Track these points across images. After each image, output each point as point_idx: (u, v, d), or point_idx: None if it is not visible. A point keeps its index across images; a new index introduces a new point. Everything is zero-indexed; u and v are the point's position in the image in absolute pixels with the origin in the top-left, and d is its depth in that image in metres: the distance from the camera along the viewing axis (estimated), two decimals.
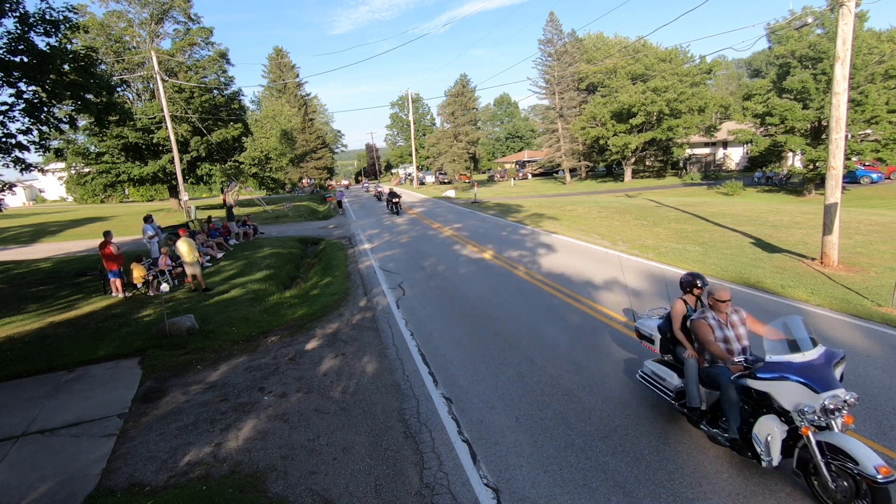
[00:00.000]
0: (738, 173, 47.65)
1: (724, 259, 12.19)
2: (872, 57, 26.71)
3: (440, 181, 65.10)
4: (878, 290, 9.16)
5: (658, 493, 4.27)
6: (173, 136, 26.90)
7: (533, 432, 5.31)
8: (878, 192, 28.78)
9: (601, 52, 49.74)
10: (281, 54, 69.97)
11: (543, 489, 4.43)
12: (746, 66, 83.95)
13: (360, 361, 7.50)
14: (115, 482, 4.87)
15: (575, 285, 10.75)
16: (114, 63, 30.19)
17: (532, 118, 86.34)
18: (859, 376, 5.96)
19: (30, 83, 11.78)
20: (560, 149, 51.71)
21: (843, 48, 10.33)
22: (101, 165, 31.11)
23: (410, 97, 66.50)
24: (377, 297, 11.00)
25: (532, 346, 7.58)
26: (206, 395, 6.63)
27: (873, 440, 4.74)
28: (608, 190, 42.44)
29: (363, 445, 5.29)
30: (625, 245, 14.83)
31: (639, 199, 29.40)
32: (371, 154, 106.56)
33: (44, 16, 11.39)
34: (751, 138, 31.70)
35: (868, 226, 15.47)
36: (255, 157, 41.64)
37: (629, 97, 41.88)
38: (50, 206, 55.41)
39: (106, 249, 11.44)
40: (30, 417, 6.22)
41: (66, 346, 8.51)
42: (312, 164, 73.81)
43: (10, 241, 24.25)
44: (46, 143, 13.59)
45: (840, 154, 10.87)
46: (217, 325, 9.26)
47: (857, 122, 26.46)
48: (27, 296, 12.27)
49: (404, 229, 21.93)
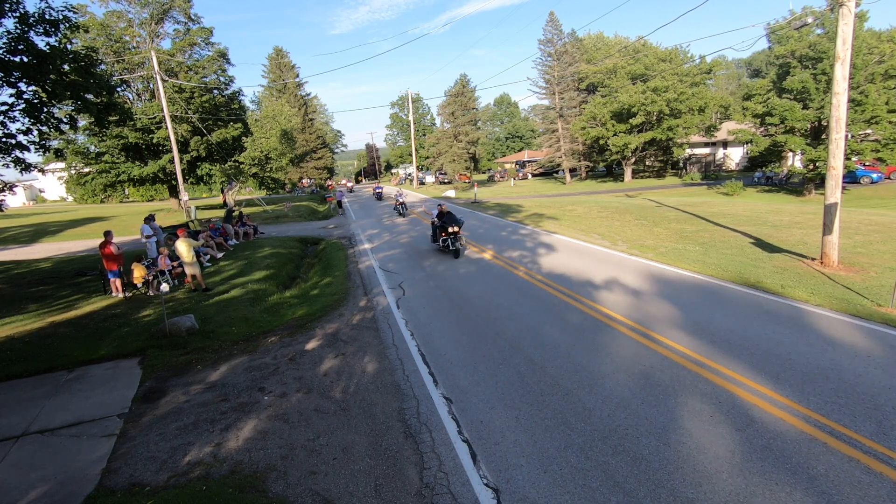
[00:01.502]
0: (738, 173, 47.66)
1: (724, 259, 12.19)
2: (872, 57, 26.70)
3: (440, 181, 65.04)
4: (878, 290, 9.17)
5: (658, 493, 4.27)
6: (173, 136, 26.89)
7: (533, 432, 5.31)
8: (878, 192, 28.78)
9: (601, 52, 49.76)
10: (281, 54, 69.96)
11: (543, 489, 4.43)
12: (746, 66, 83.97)
13: (360, 361, 7.50)
14: (115, 482, 4.87)
15: (575, 285, 10.75)
16: (114, 63, 30.17)
17: (532, 118, 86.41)
18: (859, 376, 5.96)
19: (30, 83, 11.76)
20: (560, 149, 51.71)
21: (843, 48, 10.33)
22: (101, 165, 31.10)
23: (410, 97, 66.44)
24: (377, 297, 11.00)
25: (532, 346, 7.58)
26: (206, 395, 6.63)
27: (873, 440, 4.75)
28: (608, 190, 42.43)
29: (363, 445, 5.29)
30: (625, 245, 14.83)
31: (639, 199, 29.40)
32: (371, 154, 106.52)
33: (44, 16, 11.38)
34: (751, 138, 31.70)
35: (868, 226, 15.47)
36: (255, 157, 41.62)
37: (629, 97, 41.88)
38: (50, 206, 55.41)
39: (106, 249, 11.44)
40: (30, 417, 6.22)
41: (66, 346, 8.51)
42: (312, 164, 73.80)
43: (10, 241, 24.24)
44: (46, 144, 13.55)
45: (840, 154, 10.87)
46: (217, 325, 9.25)
47: (857, 122, 26.45)
48: (27, 296, 12.26)
49: (404, 229, 21.92)
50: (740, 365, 6.48)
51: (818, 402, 5.49)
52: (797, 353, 6.72)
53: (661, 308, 8.93)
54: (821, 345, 6.93)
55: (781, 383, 5.94)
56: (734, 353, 6.85)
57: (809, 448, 4.72)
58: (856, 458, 4.52)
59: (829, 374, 6.08)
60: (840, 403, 5.42)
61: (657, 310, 8.87)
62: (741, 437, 4.96)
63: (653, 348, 7.20)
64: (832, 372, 6.12)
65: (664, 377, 6.30)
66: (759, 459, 4.61)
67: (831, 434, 4.90)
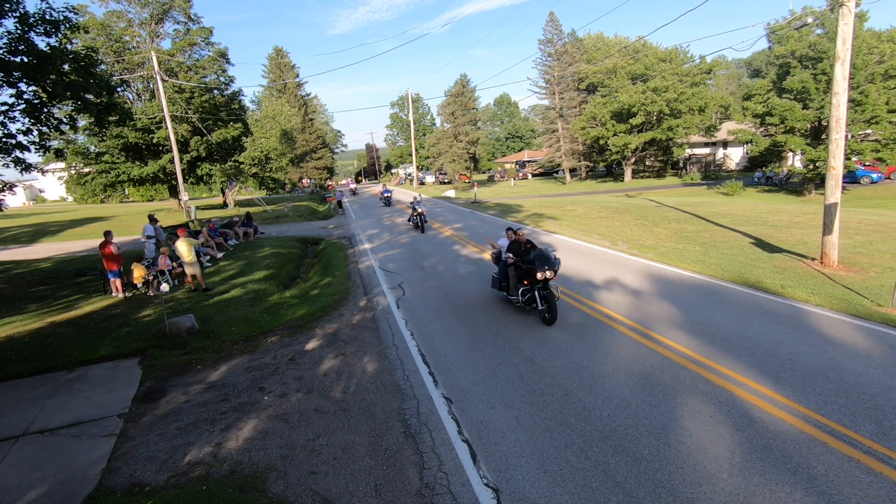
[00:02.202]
0: (738, 173, 47.66)
1: (724, 259, 12.19)
2: (872, 57, 26.70)
3: (440, 181, 65.03)
4: (878, 290, 9.17)
5: (658, 493, 4.27)
6: (173, 136, 26.89)
7: (533, 432, 5.31)
8: (878, 192, 28.78)
9: (601, 52, 49.75)
10: (281, 54, 69.93)
11: (543, 489, 4.43)
12: (746, 66, 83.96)
13: (360, 361, 7.50)
14: (115, 482, 4.87)
15: (575, 285, 10.75)
16: (114, 63, 30.17)
17: (532, 118, 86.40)
18: (859, 376, 5.96)
19: (30, 83, 11.77)
20: (560, 149, 51.72)
21: (843, 48, 10.33)
22: (101, 165, 31.10)
23: (410, 97, 66.46)
24: (377, 297, 11.00)
25: (532, 346, 7.58)
26: (206, 395, 6.63)
27: (873, 440, 4.74)
28: (608, 190, 42.43)
29: (363, 445, 5.29)
30: (625, 245, 14.83)
31: (639, 199, 29.40)
32: (371, 154, 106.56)
33: (44, 16, 11.39)
34: (751, 138, 31.70)
35: (868, 226, 15.47)
36: (255, 157, 41.59)
37: (629, 97, 41.88)
38: (50, 206, 55.41)
39: (106, 249, 11.43)
40: (30, 417, 6.22)
41: (66, 346, 8.50)
42: (312, 164, 73.77)
43: (10, 241, 24.24)
44: (46, 144, 13.57)
45: (840, 154, 10.87)
46: (217, 325, 9.25)
47: (857, 122, 26.45)
48: (27, 296, 12.26)
49: (404, 229, 21.92)
50: (740, 365, 6.48)
51: (818, 402, 5.49)
52: (797, 352, 6.72)
53: (661, 308, 8.93)
54: (821, 345, 6.93)
55: (781, 383, 5.94)
56: (734, 352, 6.85)
57: (809, 448, 4.72)
58: (856, 458, 4.52)
59: (829, 374, 6.08)
60: (840, 403, 5.42)
61: (657, 310, 8.87)
62: (741, 437, 4.96)
63: (653, 348, 7.20)
64: (832, 372, 6.12)
65: (664, 377, 6.30)
66: (759, 459, 4.61)
67: (831, 434, 4.90)
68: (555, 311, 8.38)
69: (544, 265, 8.42)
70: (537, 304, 8.59)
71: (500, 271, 9.68)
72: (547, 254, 8.78)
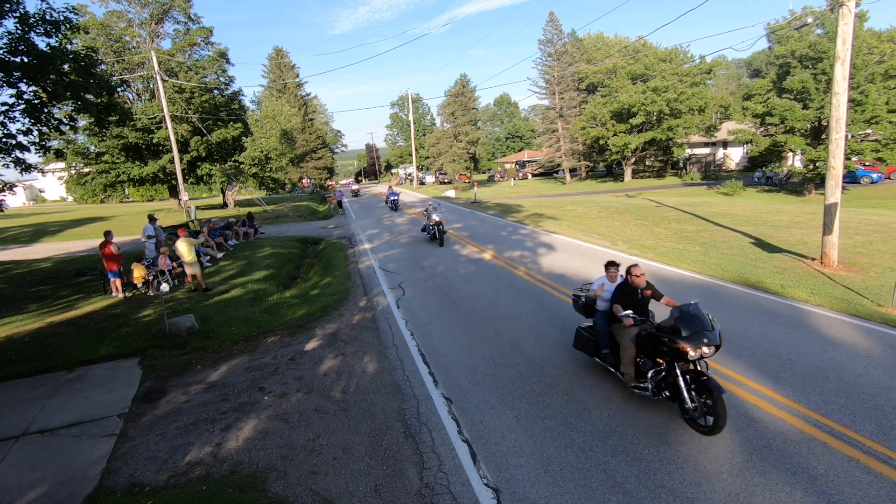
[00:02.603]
0: (738, 173, 47.64)
1: (724, 259, 12.19)
2: (872, 57, 26.70)
3: (440, 181, 64.97)
4: (878, 290, 9.17)
5: (658, 493, 4.27)
6: (173, 136, 26.88)
7: (533, 432, 5.31)
8: (878, 192, 28.77)
9: (601, 52, 49.73)
10: (281, 54, 69.92)
11: (543, 489, 4.43)
12: (746, 66, 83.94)
13: (360, 361, 7.50)
14: (115, 482, 4.87)
15: (575, 285, 10.71)
16: (114, 63, 30.16)
17: (532, 118, 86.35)
18: (859, 376, 5.96)
19: (30, 83, 11.77)
20: (560, 149, 51.69)
21: (843, 48, 10.33)
22: (101, 165, 31.09)
23: (410, 97, 66.42)
24: (377, 297, 11.00)
25: (532, 346, 7.58)
26: (206, 395, 6.63)
27: (873, 440, 4.74)
28: (608, 190, 42.42)
29: (363, 445, 5.29)
30: (625, 245, 14.83)
31: (639, 199, 29.39)
32: (371, 154, 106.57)
33: (44, 16, 11.38)
34: (751, 138, 31.69)
35: (868, 226, 15.47)
36: (255, 157, 41.58)
37: (629, 97, 41.87)
38: (50, 206, 55.40)
39: (106, 249, 11.43)
40: (30, 417, 6.22)
41: (66, 346, 8.50)
42: (312, 164, 73.74)
43: (10, 241, 24.23)
44: (46, 144, 13.56)
45: (840, 154, 10.87)
46: (217, 325, 9.25)
47: (857, 122, 26.44)
48: (27, 296, 12.26)
49: (404, 229, 21.91)
50: (740, 365, 6.48)
51: (818, 402, 5.49)
52: (797, 352, 6.72)
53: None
54: (821, 345, 6.93)
55: (781, 383, 5.94)
56: (734, 352, 6.85)
57: (809, 448, 4.72)
58: (856, 458, 4.52)
59: (829, 374, 6.08)
60: (840, 403, 5.42)
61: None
62: (741, 437, 4.97)
63: None
64: (832, 372, 6.12)
65: None
66: (759, 459, 4.61)
67: (831, 434, 4.90)
68: (722, 415, 4.85)
69: (701, 337, 5.03)
70: (684, 399, 5.16)
71: (600, 330, 6.45)
72: (699, 313, 5.26)
